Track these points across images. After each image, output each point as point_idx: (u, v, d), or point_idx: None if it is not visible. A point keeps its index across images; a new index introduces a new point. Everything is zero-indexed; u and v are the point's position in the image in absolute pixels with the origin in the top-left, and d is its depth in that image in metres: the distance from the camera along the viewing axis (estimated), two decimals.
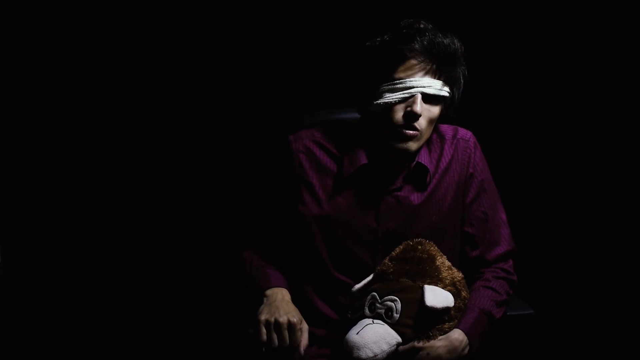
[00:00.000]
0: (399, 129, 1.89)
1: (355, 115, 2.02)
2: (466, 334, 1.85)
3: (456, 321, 1.87)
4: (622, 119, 2.63)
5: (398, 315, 1.83)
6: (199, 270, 2.61)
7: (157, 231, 2.59)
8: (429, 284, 1.85)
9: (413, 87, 1.87)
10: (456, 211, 2.00)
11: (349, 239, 1.96)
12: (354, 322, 1.85)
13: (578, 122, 2.63)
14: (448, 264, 1.91)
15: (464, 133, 2.04)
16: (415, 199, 1.97)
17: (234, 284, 2.21)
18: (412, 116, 1.87)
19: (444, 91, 1.90)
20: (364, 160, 1.95)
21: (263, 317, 1.85)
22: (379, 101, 1.89)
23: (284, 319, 1.84)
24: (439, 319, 1.85)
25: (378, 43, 1.92)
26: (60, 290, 2.58)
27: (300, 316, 1.88)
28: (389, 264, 1.90)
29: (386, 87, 1.88)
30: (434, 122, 1.93)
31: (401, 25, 1.91)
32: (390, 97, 1.87)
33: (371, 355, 1.79)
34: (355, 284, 1.93)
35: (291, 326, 1.84)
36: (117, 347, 2.63)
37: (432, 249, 1.91)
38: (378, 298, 1.85)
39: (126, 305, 2.61)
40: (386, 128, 1.90)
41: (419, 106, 1.87)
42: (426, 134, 1.93)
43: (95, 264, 2.58)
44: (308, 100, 2.51)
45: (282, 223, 2.02)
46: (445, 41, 1.89)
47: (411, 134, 1.89)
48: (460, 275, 1.92)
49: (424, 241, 1.92)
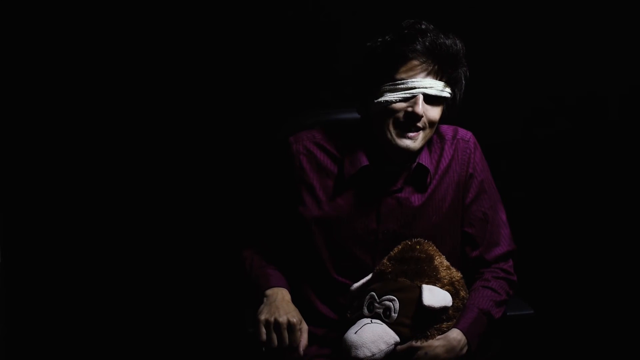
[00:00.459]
0: (399, 130, 1.89)
1: (356, 115, 2.02)
2: (464, 333, 1.85)
3: (455, 321, 1.87)
4: (622, 119, 2.63)
5: (396, 315, 1.83)
6: (199, 270, 2.61)
7: (157, 231, 2.58)
8: (427, 283, 1.85)
9: (415, 88, 1.87)
10: (456, 211, 2.00)
11: (349, 240, 1.96)
12: (353, 321, 1.86)
13: (578, 122, 2.62)
14: (447, 263, 1.91)
15: (464, 133, 2.04)
16: (416, 200, 1.97)
17: (234, 284, 2.21)
18: (413, 117, 1.88)
19: (446, 92, 1.90)
20: (364, 162, 1.95)
21: (263, 317, 1.85)
22: (380, 99, 1.88)
23: (283, 318, 1.84)
24: (437, 318, 1.85)
25: (379, 43, 1.92)
26: (60, 290, 2.58)
27: (299, 316, 1.88)
28: (388, 263, 1.90)
29: (387, 87, 1.88)
30: (435, 123, 1.93)
31: (403, 26, 1.91)
32: (391, 96, 1.87)
33: (369, 354, 1.79)
34: None
35: (291, 326, 1.84)
36: (117, 347, 2.62)
37: (430, 248, 1.91)
38: (376, 298, 1.85)
39: (126, 305, 2.61)
40: (387, 128, 1.90)
41: (421, 107, 1.87)
42: (427, 134, 1.93)
43: (95, 264, 2.58)
44: (308, 100, 2.51)
45: (282, 224, 2.02)
46: (447, 42, 1.89)
47: (412, 135, 1.89)
48: (459, 275, 1.92)
49: (422, 241, 1.92)
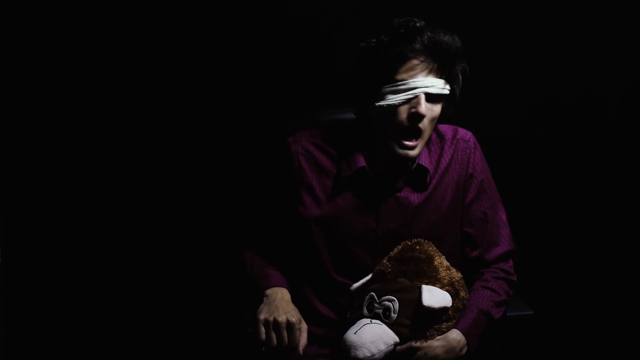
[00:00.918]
0: (400, 136, 1.88)
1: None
2: (464, 334, 1.85)
3: (454, 321, 1.87)
4: (622, 119, 2.63)
5: (396, 315, 1.83)
6: (199, 270, 2.61)
7: (157, 231, 2.59)
8: (427, 284, 1.85)
9: (417, 88, 1.85)
10: (456, 211, 1.99)
11: (349, 240, 1.96)
12: (353, 321, 1.85)
13: (578, 122, 2.62)
14: (446, 264, 1.91)
15: (464, 133, 2.03)
16: (415, 199, 1.96)
17: (234, 284, 2.21)
18: (416, 117, 1.86)
19: (446, 89, 1.89)
20: (362, 163, 1.95)
21: (262, 317, 1.84)
22: (381, 103, 1.87)
23: (282, 318, 1.84)
24: (437, 319, 1.84)
25: (374, 44, 1.89)
26: (60, 290, 2.58)
27: (299, 316, 1.88)
28: (387, 264, 1.89)
29: (388, 89, 1.86)
30: (435, 121, 1.92)
31: (396, 25, 1.89)
32: (393, 98, 1.86)
33: (368, 355, 1.79)
34: None
35: (290, 326, 1.83)
36: (117, 347, 2.62)
37: (430, 249, 1.91)
38: (376, 298, 1.85)
39: (126, 305, 2.61)
40: (388, 130, 1.89)
41: (424, 107, 1.86)
42: (427, 133, 1.92)
43: (95, 264, 2.58)
44: (308, 100, 2.50)
45: (282, 225, 2.02)
46: (446, 39, 1.87)
47: (412, 144, 1.89)
48: (458, 275, 1.92)
49: (422, 241, 1.91)
